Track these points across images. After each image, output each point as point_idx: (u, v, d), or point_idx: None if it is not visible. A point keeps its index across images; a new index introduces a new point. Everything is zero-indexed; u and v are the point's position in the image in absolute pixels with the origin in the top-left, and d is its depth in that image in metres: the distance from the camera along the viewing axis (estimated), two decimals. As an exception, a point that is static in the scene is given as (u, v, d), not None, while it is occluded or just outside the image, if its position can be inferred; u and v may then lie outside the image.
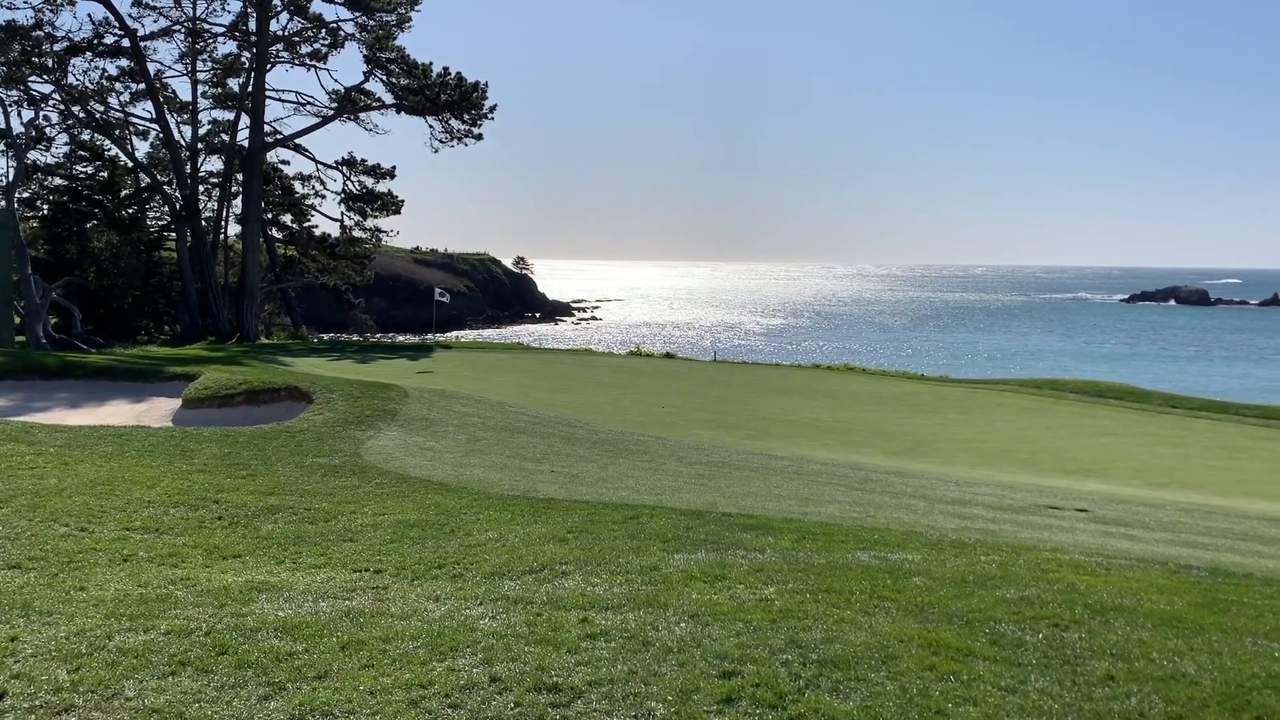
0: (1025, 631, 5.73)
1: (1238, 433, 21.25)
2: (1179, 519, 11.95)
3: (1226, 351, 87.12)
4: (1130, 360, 76.96)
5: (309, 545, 8.07)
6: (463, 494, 10.53)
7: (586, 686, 4.70)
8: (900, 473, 14.84)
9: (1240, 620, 6.33)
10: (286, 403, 18.64)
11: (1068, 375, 37.10)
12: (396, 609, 6.05)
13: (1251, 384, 60.15)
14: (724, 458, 15.28)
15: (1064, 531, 10.28)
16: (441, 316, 64.66)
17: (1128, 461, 17.17)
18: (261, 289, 42.92)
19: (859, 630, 5.61)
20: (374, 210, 44.78)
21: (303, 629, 5.62)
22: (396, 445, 14.20)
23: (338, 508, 9.63)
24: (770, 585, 6.61)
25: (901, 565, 7.41)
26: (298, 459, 12.64)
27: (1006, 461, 16.83)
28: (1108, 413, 23.91)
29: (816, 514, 10.23)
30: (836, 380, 30.14)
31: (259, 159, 40.93)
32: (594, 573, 6.94)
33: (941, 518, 10.65)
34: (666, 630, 5.52)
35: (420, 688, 4.72)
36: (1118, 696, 4.78)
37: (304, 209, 46.67)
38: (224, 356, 27.81)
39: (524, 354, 36.49)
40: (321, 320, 56.95)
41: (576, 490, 11.25)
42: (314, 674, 4.92)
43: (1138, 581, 7.29)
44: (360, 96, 42.08)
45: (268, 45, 40.34)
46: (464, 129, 41.29)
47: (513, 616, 5.82)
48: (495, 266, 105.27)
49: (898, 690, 4.70)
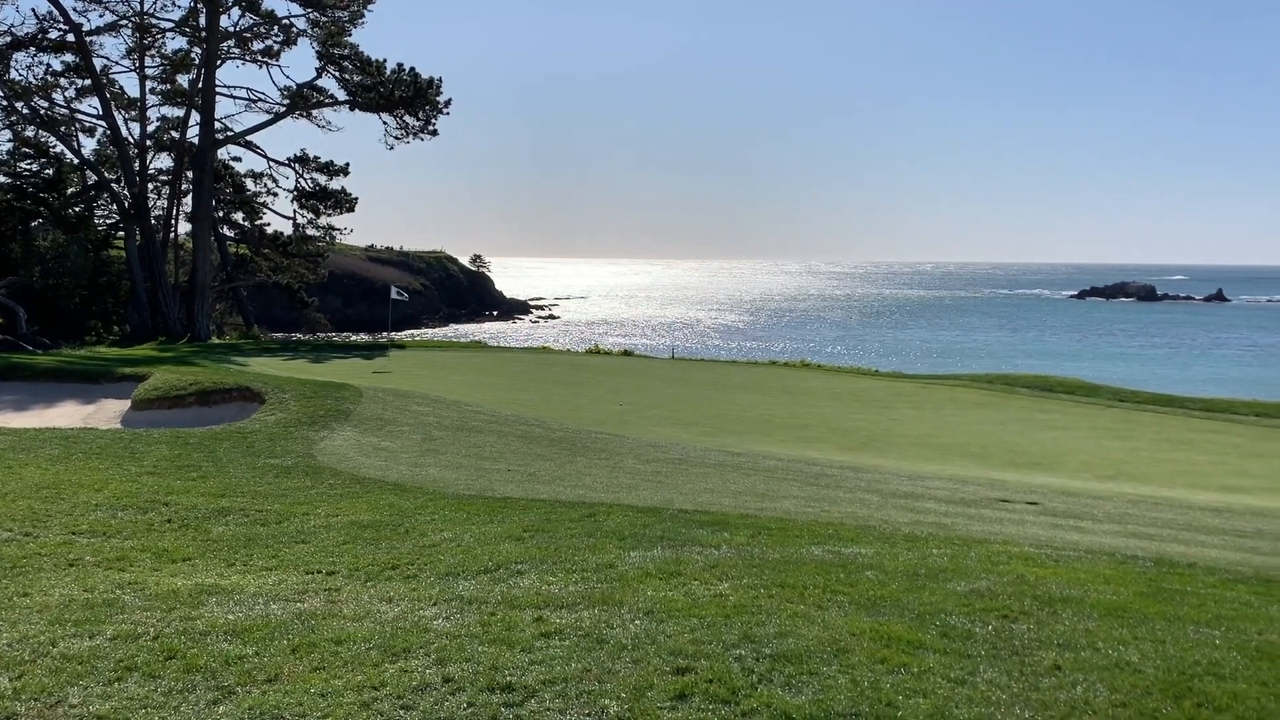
0: (975, 623, 5.81)
1: (1183, 425, 21.69)
2: (1126, 510, 12.18)
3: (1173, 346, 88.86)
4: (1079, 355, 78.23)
5: (260, 547, 7.97)
6: (418, 494, 10.46)
7: (540, 685, 4.70)
8: (854, 468, 14.98)
9: (1184, 609, 6.47)
10: (239, 403, 18.42)
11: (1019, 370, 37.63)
12: (349, 610, 6.00)
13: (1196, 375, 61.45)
14: (681, 455, 15.32)
15: (1014, 524, 10.43)
16: (397, 315, 64.20)
17: (1077, 454, 17.46)
18: (213, 288, 42.33)
19: (812, 624, 5.65)
20: (327, 208, 44.33)
21: (253, 632, 5.55)
22: (350, 445, 14.08)
23: (290, 509, 9.52)
24: (725, 581, 6.64)
25: (855, 559, 7.48)
26: (250, 460, 12.49)
27: (959, 456, 17.04)
28: (1058, 407, 24.29)
29: (772, 509, 10.29)
30: (792, 377, 30.33)
31: (209, 156, 40.33)
32: (550, 571, 6.93)
33: (895, 512, 10.76)
34: (621, 627, 5.53)
35: (372, 689, 4.69)
36: (1064, 686, 4.86)
37: (256, 207, 46.10)
38: (175, 357, 27.39)
39: (481, 352, 36.32)
40: (275, 320, 56.27)
41: (533, 489, 11.22)
42: (264, 677, 4.86)
43: (1085, 572, 7.42)
44: (313, 93, 41.62)
45: (218, 41, 39.77)
46: (418, 125, 41.00)
47: (467, 616, 5.79)
48: (452, 265, 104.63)
49: (849, 683, 4.74)
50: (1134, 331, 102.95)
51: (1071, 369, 50.17)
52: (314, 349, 34.77)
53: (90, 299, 42.43)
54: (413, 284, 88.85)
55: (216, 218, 43.87)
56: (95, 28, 40.24)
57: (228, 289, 46.06)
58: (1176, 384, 48.57)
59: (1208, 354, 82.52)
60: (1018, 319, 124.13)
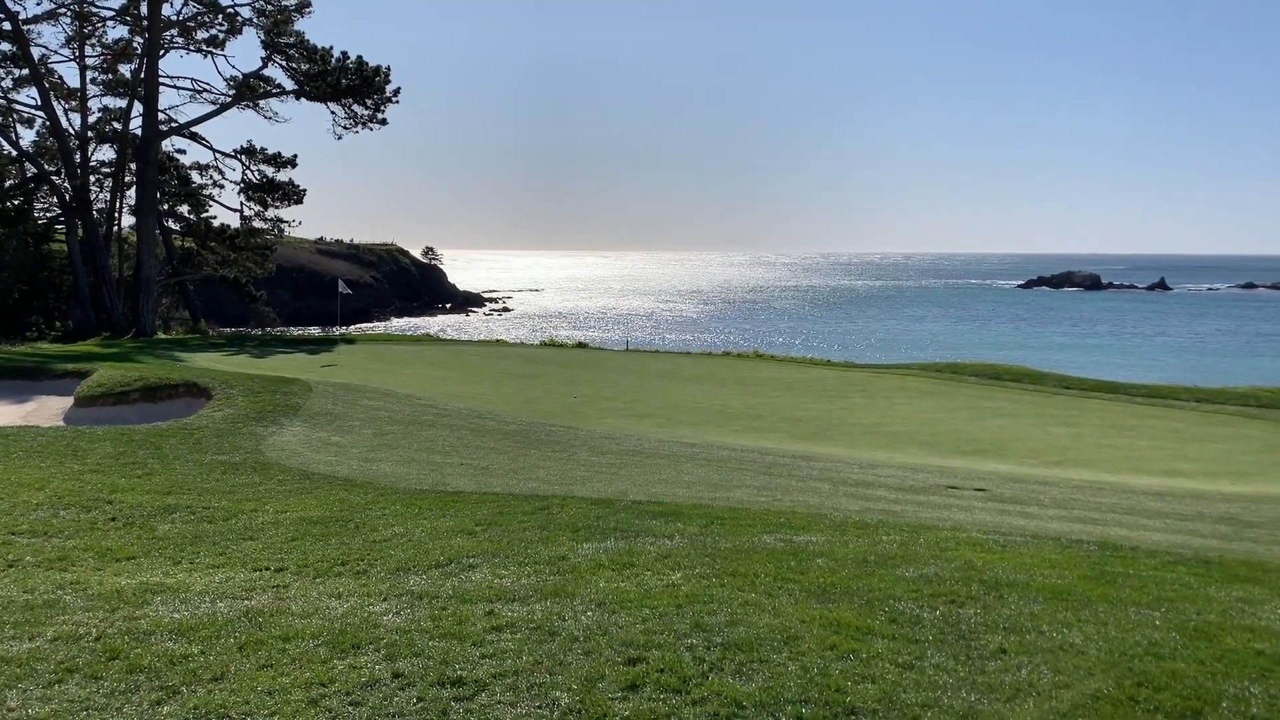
0: (923, 609, 5.89)
1: (1126, 412, 22.13)
2: (1072, 496, 12.41)
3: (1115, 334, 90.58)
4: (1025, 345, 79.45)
5: (207, 545, 7.86)
6: (368, 489, 10.38)
7: (491, 679, 4.68)
8: (807, 457, 15.10)
9: (1126, 591, 6.60)
10: (185, 399, 18.13)
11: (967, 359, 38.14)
12: (297, 607, 5.93)
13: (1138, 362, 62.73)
14: (635, 446, 15.34)
15: (963, 510, 10.58)
16: (348, 309, 63.55)
17: (1024, 441, 17.74)
18: (158, 282, 41.53)
19: (763, 612, 5.69)
20: (275, 200, 43.64)
21: (199, 630, 5.47)
22: (300, 441, 13.91)
23: (238, 506, 9.40)
24: (678, 571, 6.66)
25: (806, 547, 7.54)
26: (196, 457, 12.31)
27: (908, 443, 17.24)
28: (1005, 394, 24.67)
29: (725, 499, 10.34)
30: (746, 368, 30.48)
31: (153, 148, 39.51)
32: (502, 565, 6.90)
33: (846, 500, 10.87)
34: (573, 619, 5.52)
35: (320, 686, 4.64)
36: (1009, 669, 4.94)
37: (202, 199, 45.27)
38: (119, 352, 26.89)
39: (433, 345, 36.05)
40: (222, 314, 55.37)
41: (487, 482, 11.18)
42: (210, 676, 4.79)
43: (1031, 557, 7.55)
44: (259, 83, 40.94)
45: (160, 30, 38.95)
46: (367, 114, 40.51)
47: (417, 611, 5.76)
48: (403, 257, 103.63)
49: (799, 670, 4.79)
50: (1077, 319, 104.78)
51: (1018, 357, 50.98)
52: (262, 344, 34.31)
53: (30, 294, 41.43)
54: (363, 277, 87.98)
55: (161, 210, 43.01)
56: (33, 16, 39.31)
57: (173, 283, 45.24)
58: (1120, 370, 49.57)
59: (1149, 341, 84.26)
60: (966, 308, 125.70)
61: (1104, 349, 75.63)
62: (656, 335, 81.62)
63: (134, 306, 39.33)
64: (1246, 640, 5.54)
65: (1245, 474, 15.24)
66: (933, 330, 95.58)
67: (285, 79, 40.51)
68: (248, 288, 46.83)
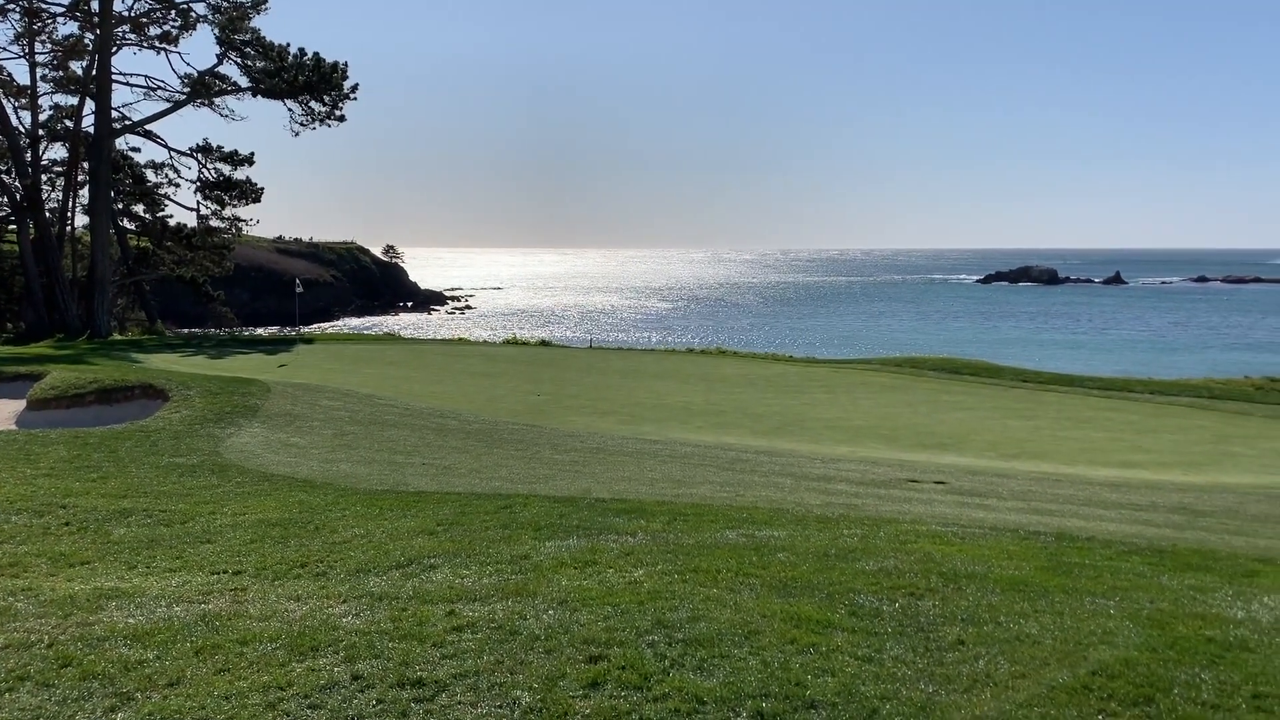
0: (883, 601, 5.93)
1: (1083, 404, 22.46)
2: (1029, 488, 12.57)
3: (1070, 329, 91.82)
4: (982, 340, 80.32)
5: (164, 548, 7.74)
6: (328, 490, 10.28)
7: (451, 679, 4.66)
8: (769, 452, 15.17)
9: (1081, 581, 6.70)
10: (141, 401, 17.88)
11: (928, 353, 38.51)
12: (255, 610, 5.87)
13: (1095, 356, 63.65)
14: (599, 444, 15.33)
15: (923, 503, 10.68)
16: (308, 308, 62.92)
17: (983, 434, 17.95)
18: (113, 283, 40.87)
19: (724, 608, 5.71)
20: (232, 199, 43.11)
21: (154, 636, 5.39)
22: (258, 442, 13.76)
23: (195, 508, 9.28)
24: (640, 568, 6.66)
25: (768, 542, 7.57)
26: (153, 459, 12.14)
27: (869, 438, 17.38)
28: (964, 388, 24.94)
29: (688, 496, 10.36)
30: (709, 364, 30.57)
31: (106, 146, 38.87)
32: (463, 565, 6.87)
33: (807, 494, 10.94)
34: (534, 618, 5.51)
35: (278, 689, 4.59)
36: (967, 660, 5.00)
37: (157, 198, 44.60)
38: (72, 354, 26.44)
39: (394, 345, 35.81)
40: (180, 314, 54.62)
41: (448, 482, 11.12)
42: (165, 681, 4.73)
43: (989, 549, 7.63)
44: (214, 80, 40.40)
45: (112, 26, 38.32)
46: (324, 111, 40.12)
47: (377, 613, 5.71)
48: (364, 255, 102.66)
49: (759, 665, 4.81)
50: (1035, 314, 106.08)
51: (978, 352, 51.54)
52: (219, 344, 33.89)
53: (-19, 296, 40.66)
54: (323, 276, 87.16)
55: (116, 210, 42.35)
56: (-20, 12, 38.46)
57: (129, 283, 44.55)
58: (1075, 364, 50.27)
59: (1103, 334, 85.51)
60: (927, 304, 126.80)
61: (1059, 344, 76.60)
62: (620, 333, 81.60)
63: (88, 307, 38.69)
64: (1198, 627, 5.64)
65: (1198, 464, 15.53)
66: (893, 325, 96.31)
67: (241, 76, 40.06)
68: (205, 287, 46.25)
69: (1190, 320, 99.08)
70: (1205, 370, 46.63)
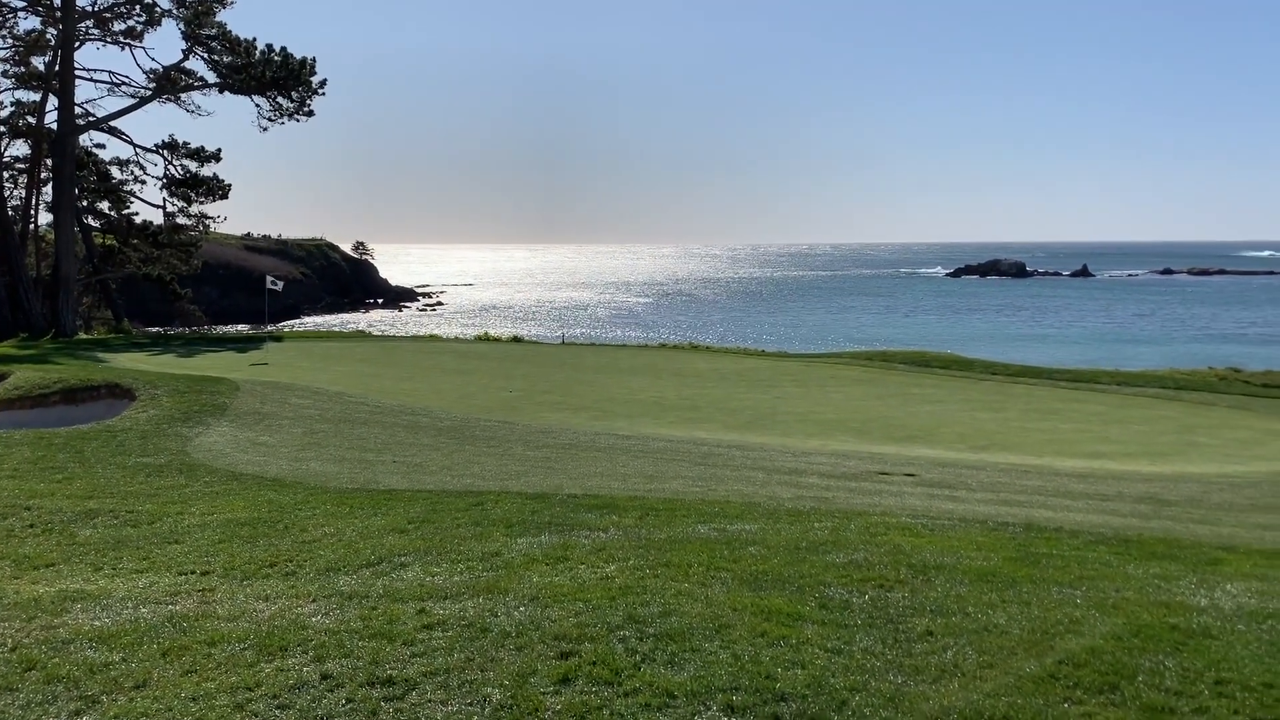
0: (853, 594, 5.97)
1: (1051, 396, 22.68)
2: (998, 479, 12.68)
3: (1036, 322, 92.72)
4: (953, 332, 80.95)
5: (130, 549, 7.67)
6: (298, 489, 10.21)
7: (422, 677, 4.64)
8: (741, 446, 15.22)
9: (1049, 571, 6.78)
10: (107, 401, 17.68)
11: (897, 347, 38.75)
12: (224, 610, 5.82)
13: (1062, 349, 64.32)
14: (571, 440, 15.32)
15: (893, 496, 10.76)
16: (277, 306, 62.40)
17: (952, 427, 18.09)
18: (79, 281, 40.32)
19: (695, 602, 5.72)
20: (199, 195, 42.58)
21: (120, 638, 5.34)
22: (227, 441, 13.65)
23: (163, 509, 9.19)
24: (612, 563, 6.67)
25: (739, 536, 7.60)
26: (120, 459, 12.01)
27: (840, 431, 17.47)
28: (934, 381, 25.11)
29: (660, 491, 10.37)
30: (682, 359, 30.60)
31: (70, 143, 38.33)
32: (434, 562, 6.84)
33: (779, 488, 10.98)
34: (505, 615, 5.50)
35: (246, 690, 4.56)
36: (935, 650, 5.04)
37: (123, 196, 43.97)
38: (37, 354, 26.10)
39: (365, 342, 35.60)
40: (147, 313, 53.98)
41: (419, 480, 11.07)
42: (131, 684, 4.68)
43: (958, 540, 7.70)
44: (180, 76, 39.91)
45: (75, 21, 37.78)
46: (292, 107, 39.74)
47: (347, 612, 5.68)
48: (333, 252, 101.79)
49: (730, 658, 4.82)
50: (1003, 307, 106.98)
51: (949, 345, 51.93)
52: (187, 342, 33.56)
53: (-58, 295, 39.94)
54: (292, 273, 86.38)
55: (80, 207, 41.75)
56: (-63, 6, 37.80)
57: (94, 282, 43.98)
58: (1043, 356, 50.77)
59: (1071, 327, 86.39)
60: (897, 298, 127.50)
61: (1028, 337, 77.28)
62: (593, 329, 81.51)
63: (53, 306, 38.17)
64: (1162, 615, 5.72)
65: (1163, 454, 15.72)
66: (863, 319, 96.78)
67: (207, 72, 39.60)
68: (172, 286, 45.69)
69: (1155, 312, 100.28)
70: (1170, 361, 47.26)
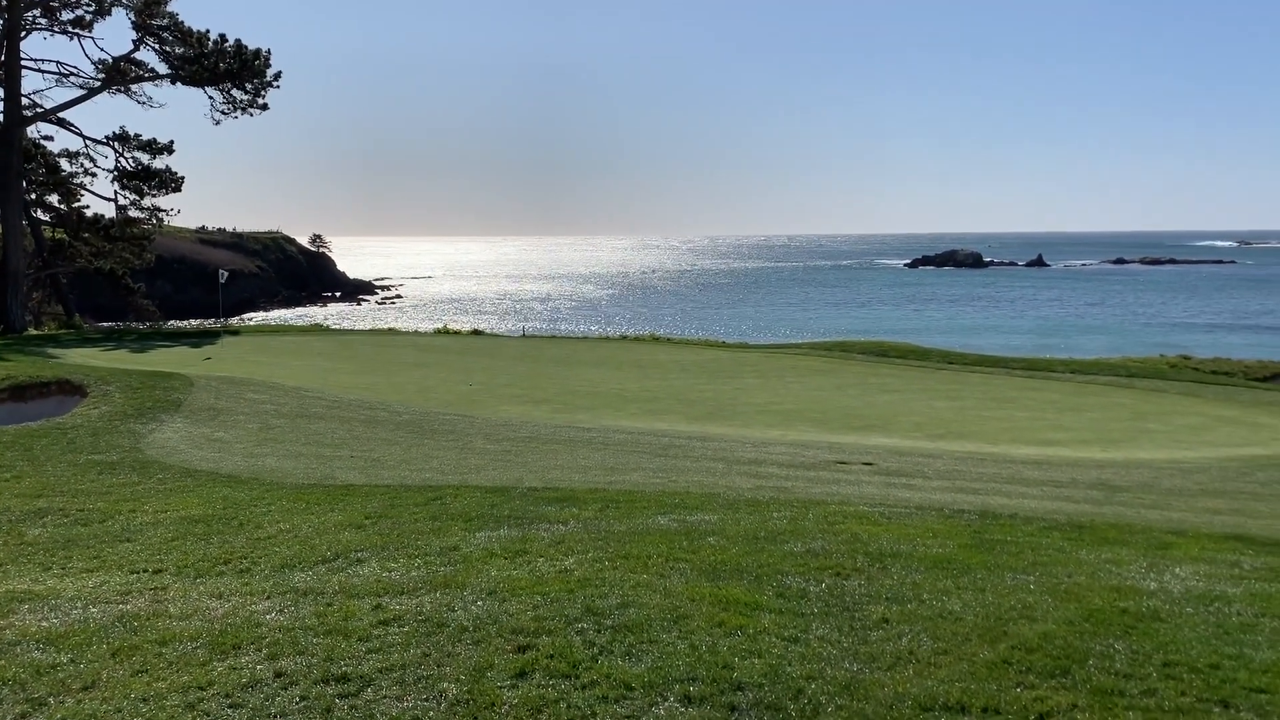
0: (810, 582, 6.01)
1: (1007, 384, 22.96)
2: (955, 467, 12.82)
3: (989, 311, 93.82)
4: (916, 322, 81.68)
5: (81, 548, 7.54)
6: (253, 485, 10.09)
7: (377, 674, 4.61)
8: (702, 437, 15.25)
9: (1003, 558, 6.86)
10: (57, 397, 17.36)
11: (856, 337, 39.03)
12: (176, 609, 5.74)
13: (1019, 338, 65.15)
14: (532, 433, 15.26)
15: (851, 485, 10.83)
16: (233, 299, 61.60)
17: (909, 416, 18.25)
18: (27, 275, 39.52)
19: (654, 593, 5.73)
20: (152, 188, 41.84)
21: (69, 638, 5.25)
22: (181, 437, 13.45)
23: (114, 507, 9.05)
24: (571, 556, 6.66)
25: (698, 527, 7.62)
26: (70, 457, 11.80)
27: (800, 421, 17.57)
28: (892, 371, 25.33)
29: (621, 482, 10.37)
30: (643, 350, 30.60)
31: (17, 135, 37.51)
32: (391, 558, 6.79)
33: (739, 478, 11.02)
34: (463, 610, 5.47)
35: (198, 689, 4.50)
36: (891, 638, 5.08)
37: (72, 188, 43.09)
38: (-16, 351, 25.53)
39: (322, 336, 35.25)
40: (99, 308, 53.03)
41: (377, 475, 10.98)
42: (79, 685, 4.60)
43: (915, 528, 7.77)
44: (131, 67, 39.18)
45: (21, 10, 36.97)
46: (246, 99, 39.17)
47: (302, 609, 5.62)
48: (290, 245, 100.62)
49: (687, 649, 4.83)
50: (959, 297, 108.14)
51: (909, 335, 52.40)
52: (141, 337, 33.04)
53: (-115, 291, 38.96)
54: (248, 266, 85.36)
55: (28, 201, 40.93)
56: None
57: (44, 276, 43.13)
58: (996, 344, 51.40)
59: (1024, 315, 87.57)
60: (854, 288, 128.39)
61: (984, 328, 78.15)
62: (553, 322, 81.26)
63: (1, 302, 37.39)
64: (1112, 600, 5.81)
65: (1116, 441, 15.98)
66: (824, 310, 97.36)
67: (159, 63, 38.92)
68: (125, 280, 44.96)
69: (1107, 300, 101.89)
70: (1122, 349, 48.04)
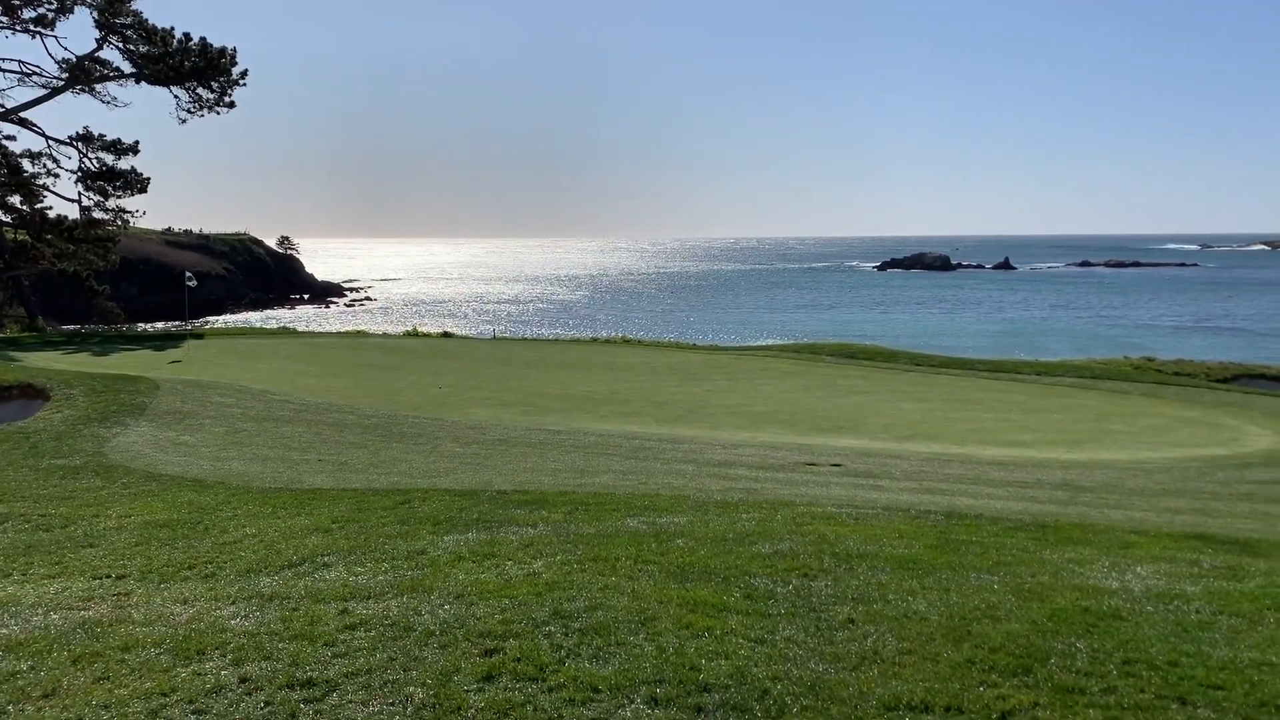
0: (777, 583, 6.04)
1: (973, 386, 23.18)
2: (921, 468, 12.93)
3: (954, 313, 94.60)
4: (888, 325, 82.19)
5: (42, 554, 7.44)
6: (219, 489, 10.00)
7: (343, 678, 4.58)
8: (672, 439, 15.28)
9: (968, 558, 6.93)
10: (19, 401, 17.15)
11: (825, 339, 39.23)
12: (139, 615, 5.68)
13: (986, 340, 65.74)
14: (502, 435, 15.23)
15: (819, 486, 10.90)
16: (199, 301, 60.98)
17: (877, 417, 18.39)
18: (-12, 278, 38.97)
19: (622, 595, 5.73)
20: (116, 189, 41.33)
21: (29, 645, 5.18)
22: (146, 441, 13.31)
23: (77, 512, 8.94)
24: (539, 559, 6.65)
25: (668, 529, 7.63)
26: (32, 462, 11.65)
27: (769, 423, 17.64)
28: (860, 372, 25.50)
29: (590, 485, 10.37)
30: (613, 352, 30.61)
31: (-23, 135, 37.00)
32: (358, 562, 6.76)
33: (708, 480, 11.05)
34: (430, 614, 5.45)
35: (161, 696, 4.45)
36: (856, 638, 5.12)
37: (35, 189, 42.49)
38: (-57, 354, 25.14)
39: (290, 339, 34.98)
40: (63, 311, 52.27)
41: (345, 478, 10.92)
42: (39, 693, 4.55)
43: (882, 529, 7.83)
44: (95, 66, 38.71)
45: (-20, 8, 36.43)
46: (213, 98, 38.82)
47: (267, 613, 5.58)
48: (257, 247, 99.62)
49: (655, 651, 4.84)
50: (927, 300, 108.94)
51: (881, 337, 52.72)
52: (105, 340, 32.65)
53: None
54: (215, 268, 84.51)
55: (-11, 201, 40.35)
56: None
57: (6, 278, 42.50)
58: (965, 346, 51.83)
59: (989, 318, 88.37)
60: (823, 290, 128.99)
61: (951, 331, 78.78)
62: (523, 325, 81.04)
63: (-39, 304, 36.83)
64: (1075, 599, 5.88)
65: (1080, 442, 16.18)
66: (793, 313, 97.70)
67: (123, 61, 38.47)
68: (89, 282, 44.37)
69: (1072, 303, 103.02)
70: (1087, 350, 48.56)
